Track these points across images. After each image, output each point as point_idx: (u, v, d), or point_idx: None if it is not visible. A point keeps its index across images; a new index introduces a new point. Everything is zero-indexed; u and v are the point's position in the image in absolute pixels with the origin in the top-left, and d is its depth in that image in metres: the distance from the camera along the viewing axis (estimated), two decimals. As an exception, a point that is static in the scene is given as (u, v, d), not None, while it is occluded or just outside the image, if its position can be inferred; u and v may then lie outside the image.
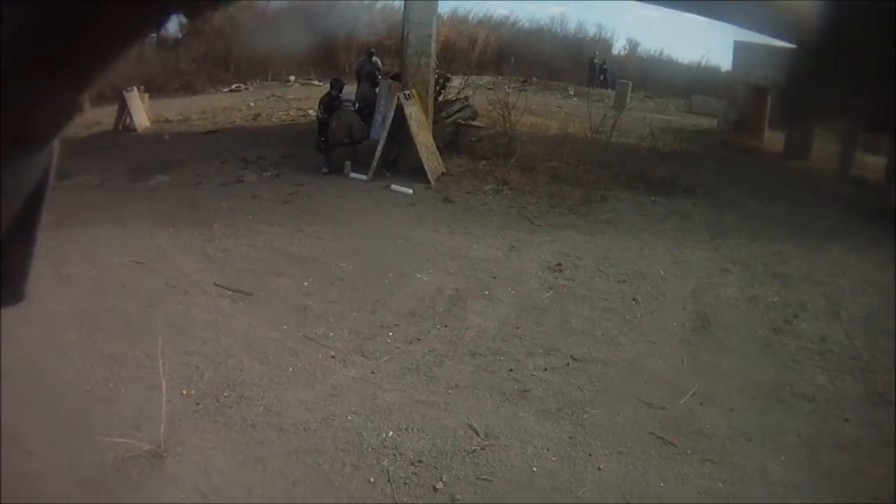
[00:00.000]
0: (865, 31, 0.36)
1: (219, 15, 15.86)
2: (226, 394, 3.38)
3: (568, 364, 3.67)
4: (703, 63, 16.00)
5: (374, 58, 11.42)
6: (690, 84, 14.60)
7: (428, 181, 6.77)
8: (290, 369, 3.63)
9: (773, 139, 11.11)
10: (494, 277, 4.73)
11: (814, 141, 10.05)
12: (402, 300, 4.44)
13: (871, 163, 9.55)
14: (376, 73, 10.91)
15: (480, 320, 4.16)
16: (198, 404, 3.32)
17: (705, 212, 6.56)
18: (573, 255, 5.16)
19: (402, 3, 7.92)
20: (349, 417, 3.21)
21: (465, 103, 8.98)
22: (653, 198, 6.81)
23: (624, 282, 4.75)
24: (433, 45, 7.58)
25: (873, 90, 0.37)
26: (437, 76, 8.16)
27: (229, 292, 4.50)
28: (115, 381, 3.46)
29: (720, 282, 4.94)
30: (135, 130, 10.73)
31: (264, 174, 7.08)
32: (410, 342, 3.92)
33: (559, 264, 4.94)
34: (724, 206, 6.78)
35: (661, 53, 17.53)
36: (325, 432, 3.10)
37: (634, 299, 4.48)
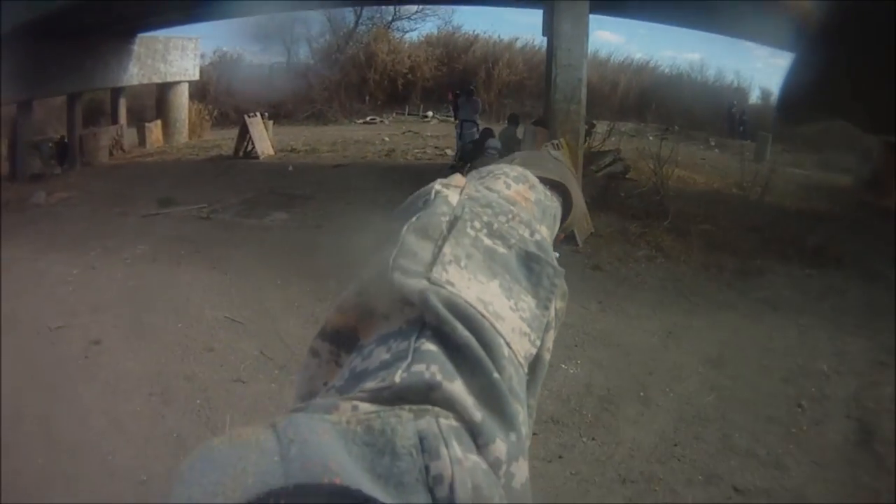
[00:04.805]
0: (865, 32, 0.34)
1: (353, 43, 16.52)
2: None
3: (730, 497, 3.29)
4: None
5: (473, 96, 10.17)
6: (823, 136, 13.59)
7: (576, 242, 6.38)
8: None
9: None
10: (650, 374, 4.33)
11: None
12: (545, 399, 3.92)
13: None
14: (477, 114, 9.92)
15: (634, 432, 3.66)
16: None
17: (858, 288, 6.42)
18: (734, 343, 5.24)
19: (545, 42, 7.40)
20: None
21: (617, 156, 8.39)
22: (806, 271, 6.78)
23: (787, 381, 4.93)
24: (584, 89, 6.84)
25: (873, 91, 0.35)
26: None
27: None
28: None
29: (879, 379, 4.92)
30: (256, 158, 10.25)
31: (396, 221, 7.16)
32: (550, 460, 3.35)
33: (720, 357, 5.19)
34: (873, 281, 6.55)
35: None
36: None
37: (799, 405, 4.66)
